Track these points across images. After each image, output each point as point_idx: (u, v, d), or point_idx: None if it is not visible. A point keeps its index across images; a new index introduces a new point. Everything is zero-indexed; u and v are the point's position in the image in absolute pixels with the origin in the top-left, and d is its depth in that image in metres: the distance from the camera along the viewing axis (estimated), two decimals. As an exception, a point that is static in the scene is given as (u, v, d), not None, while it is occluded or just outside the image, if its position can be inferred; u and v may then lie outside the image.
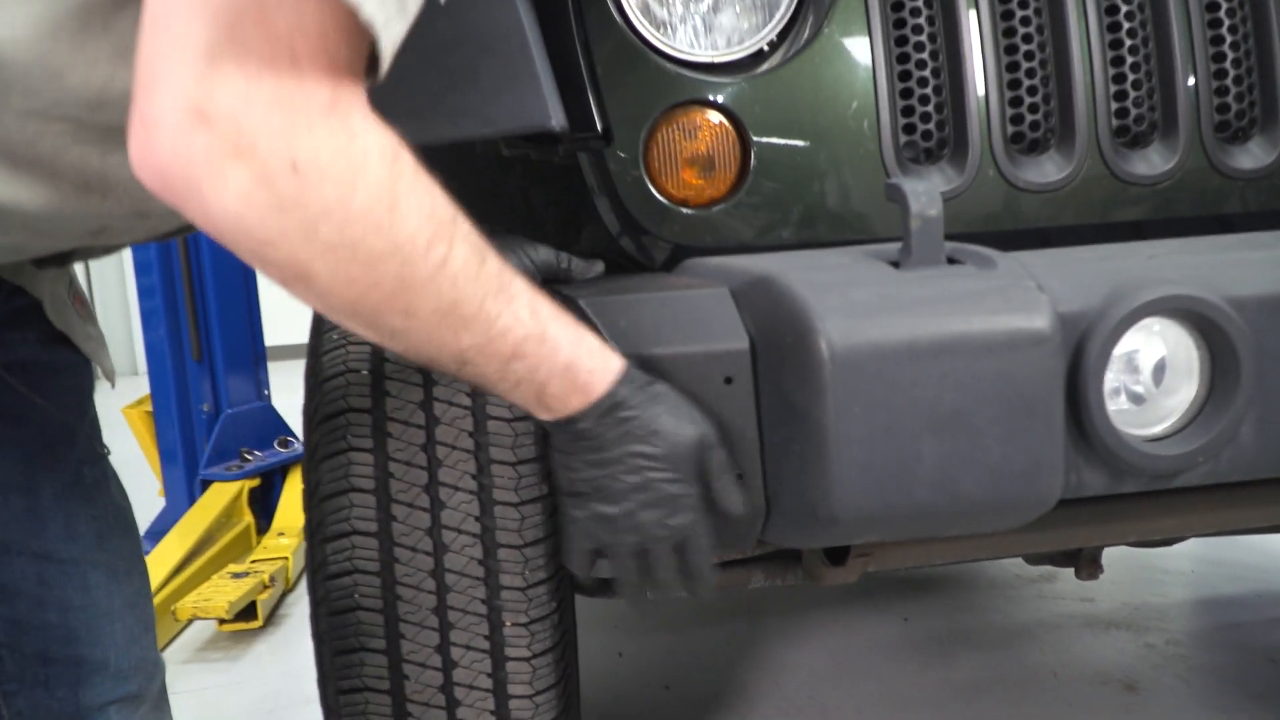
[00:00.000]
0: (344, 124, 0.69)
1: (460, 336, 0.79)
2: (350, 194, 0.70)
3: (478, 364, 0.82)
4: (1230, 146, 1.27)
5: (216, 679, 2.41)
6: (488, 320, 0.80)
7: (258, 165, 0.66)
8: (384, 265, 0.72)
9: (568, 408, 0.87)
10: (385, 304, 0.75)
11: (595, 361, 0.87)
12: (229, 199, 0.67)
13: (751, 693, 2.12)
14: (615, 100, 1.21)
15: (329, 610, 1.36)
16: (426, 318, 0.77)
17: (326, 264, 0.71)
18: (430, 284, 0.75)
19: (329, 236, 0.70)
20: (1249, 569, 2.61)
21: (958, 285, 0.94)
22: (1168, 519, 1.18)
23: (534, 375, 0.84)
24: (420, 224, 0.74)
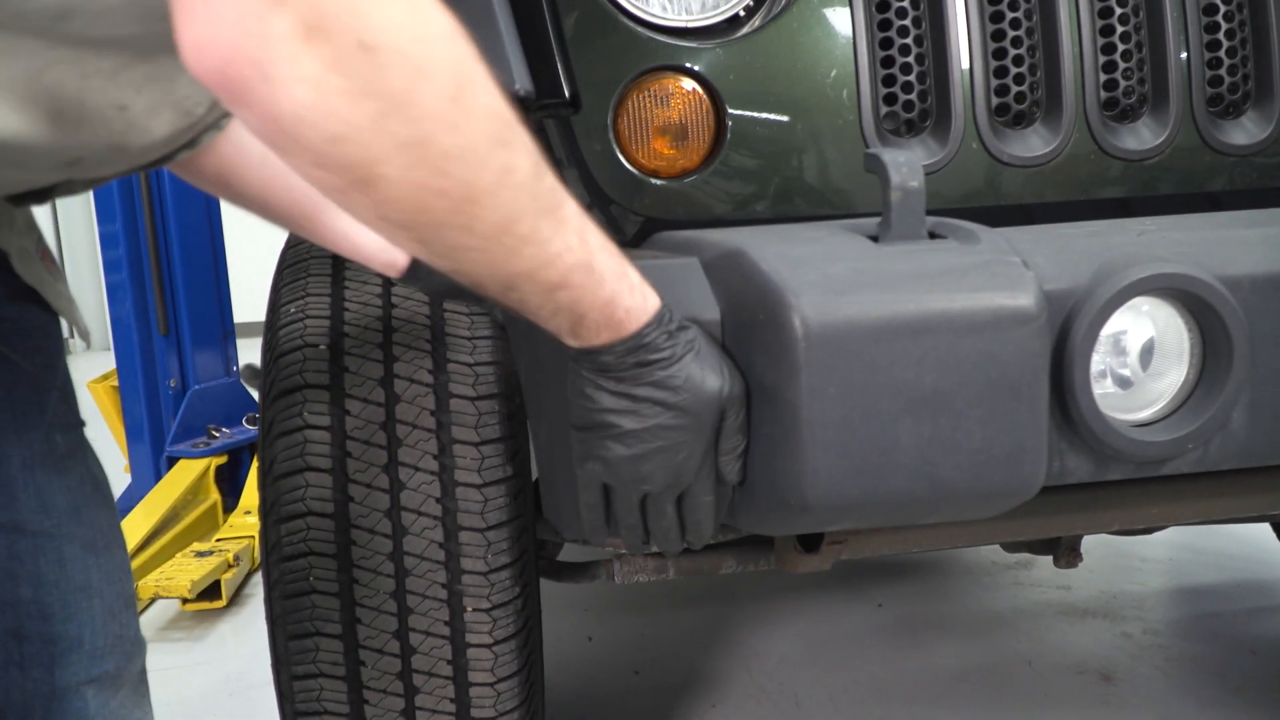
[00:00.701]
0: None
1: (513, 259, 0.75)
2: (421, 80, 0.64)
3: (523, 290, 0.78)
4: (1222, 121, 1.23)
5: (178, 659, 2.36)
6: (542, 242, 0.75)
7: (331, 47, 0.60)
8: (453, 169, 0.67)
9: (597, 339, 0.85)
10: (448, 215, 0.70)
11: (634, 299, 0.84)
12: (301, 89, 0.60)
13: (722, 679, 2.09)
14: (584, 65, 1.16)
15: (283, 593, 1.31)
16: (485, 234, 0.72)
17: (395, 166, 0.65)
18: (493, 195, 0.70)
19: (400, 131, 0.64)
20: (1229, 558, 2.60)
21: (939, 260, 0.89)
22: (1153, 507, 1.14)
23: (575, 306, 0.81)
24: (487, 122, 0.69)
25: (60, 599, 0.92)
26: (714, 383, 0.88)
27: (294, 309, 1.36)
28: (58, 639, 0.92)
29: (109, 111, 0.74)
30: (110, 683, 0.97)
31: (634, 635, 2.30)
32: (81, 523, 0.93)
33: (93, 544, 0.94)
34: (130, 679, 1.01)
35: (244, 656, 2.36)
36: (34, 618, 0.90)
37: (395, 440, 1.28)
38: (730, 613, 2.38)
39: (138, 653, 1.02)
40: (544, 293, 0.79)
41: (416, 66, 0.63)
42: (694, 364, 0.87)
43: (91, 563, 0.94)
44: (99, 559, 0.95)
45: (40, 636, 0.90)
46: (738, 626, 2.31)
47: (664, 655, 2.21)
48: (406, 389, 1.29)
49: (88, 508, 0.94)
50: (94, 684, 0.96)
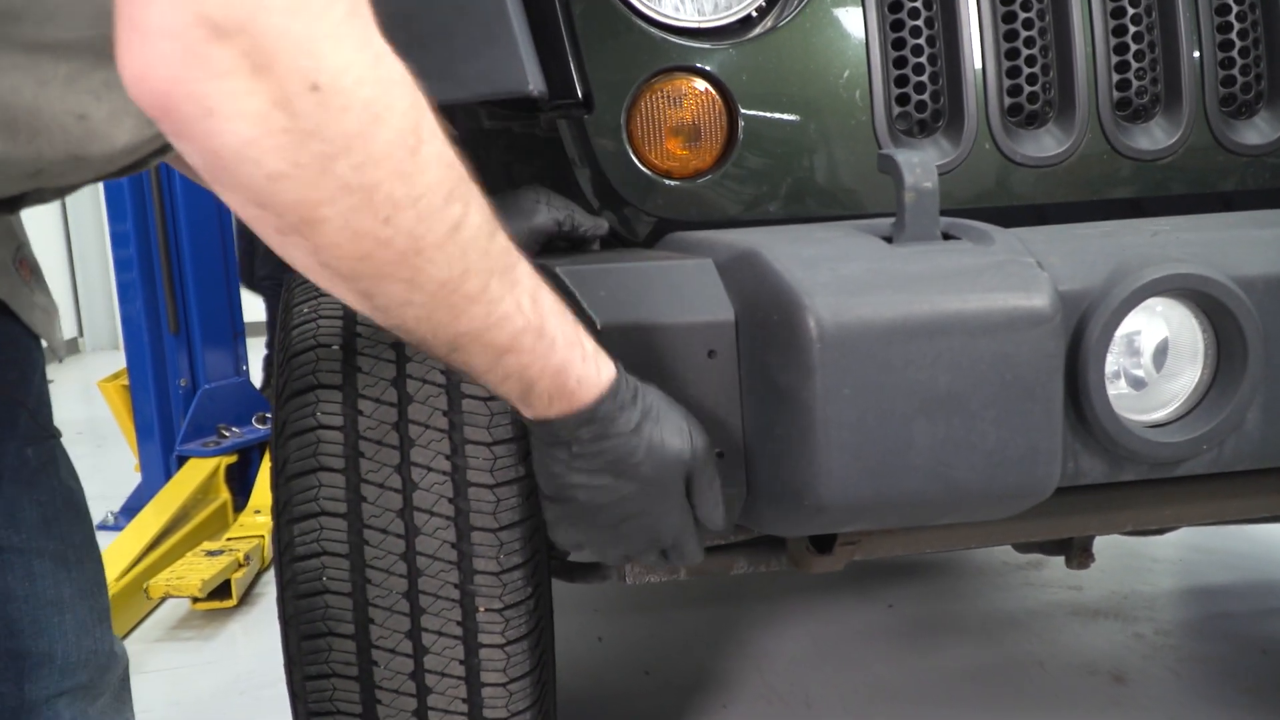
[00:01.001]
0: (365, 36, 0.62)
1: (459, 319, 0.72)
2: (374, 126, 0.62)
3: (470, 352, 0.75)
4: (1235, 121, 1.23)
5: (189, 658, 2.36)
6: (489, 303, 0.73)
7: (276, 84, 0.59)
8: (399, 218, 0.65)
9: (549, 410, 0.82)
10: (391, 267, 0.67)
11: (586, 368, 0.81)
12: (242, 124, 0.59)
13: (733, 679, 2.09)
14: (597, 66, 1.16)
15: (296, 593, 1.31)
16: (430, 290, 0.70)
17: (338, 209, 0.63)
18: (441, 250, 0.68)
19: (346, 175, 0.62)
20: (1240, 557, 2.59)
21: (953, 261, 0.89)
22: (1167, 508, 1.14)
23: (524, 372, 0.78)
24: (440, 174, 0.67)
25: (30, 615, 0.92)
26: (676, 447, 0.85)
27: (307, 309, 1.37)
28: (27, 654, 0.92)
29: (67, 120, 0.73)
30: (85, 694, 0.97)
31: (644, 635, 2.30)
32: (52, 537, 0.93)
33: (64, 558, 0.94)
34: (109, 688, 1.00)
35: (254, 656, 2.36)
36: (3, 634, 0.90)
37: (408, 440, 1.29)
38: (740, 613, 2.38)
39: (113, 664, 1.01)
40: (491, 356, 0.76)
41: (373, 112, 0.62)
42: (654, 431, 0.84)
43: (63, 577, 0.94)
44: (70, 573, 0.95)
45: (8, 652, 0.90)
46: (748, 627, 2.31)
47: (674, 655, 2.21)
48: (419, 389, 1.29)
49: (59, 521, 0.94)
50: (67, 695, 0.95)
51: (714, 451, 0.88)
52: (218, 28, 0.57)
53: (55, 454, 0.96)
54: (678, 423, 0.86)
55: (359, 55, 0.61)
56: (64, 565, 0.95)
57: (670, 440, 0.85)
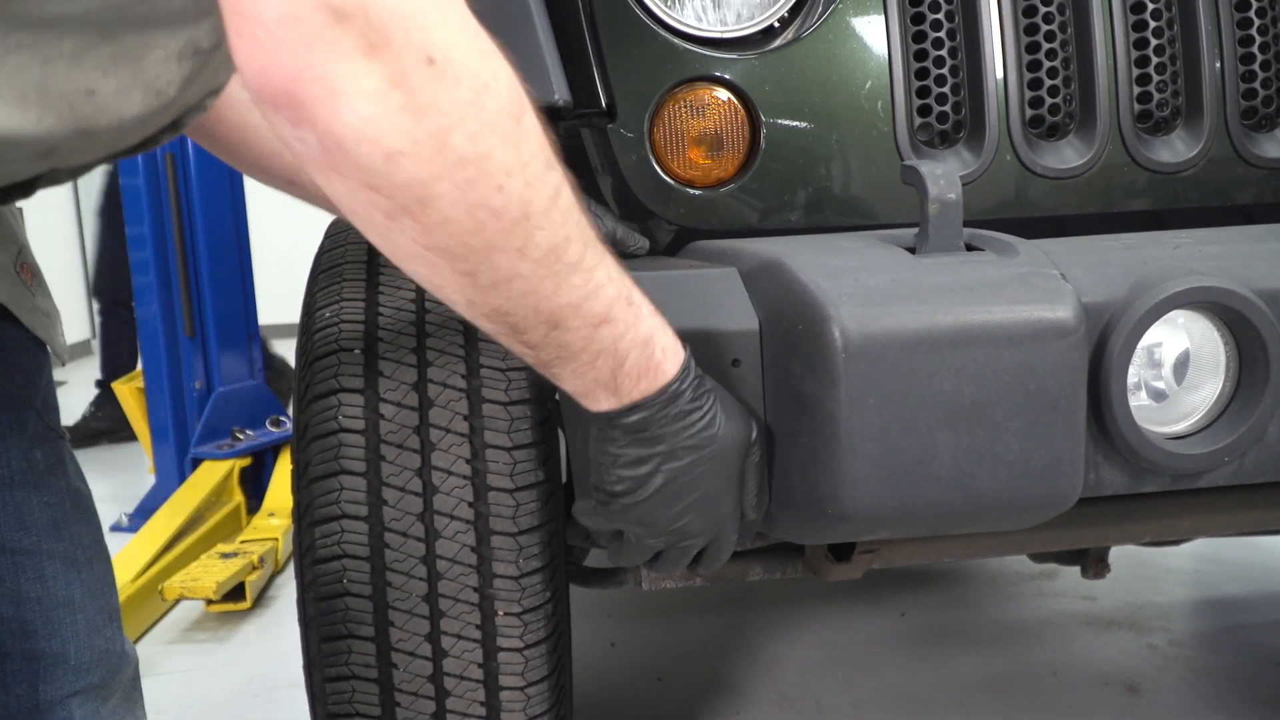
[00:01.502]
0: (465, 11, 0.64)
1: (561, 288, 0.72)
2: (485, 96, 0.64)
3: (568, 327, 0.75)
4: (1256, 134, 1.23)
5: (203, 660, 2.37)
6: (587, 270, 0.73)
7: (393, 61, 0.60)
8: (510, 184, 0.66)
9: (635, 391, 0.81)
10: (500, 237, 0.68)
11: (668, 339, 0.82)
12: (363, 103, 0.60)
13: (745, 685, 2.09)
14: (621, 76, 1.17)
15: (316, 595, 1.32)
16: (538, 258, 0.70)
17: (452, 184, 0.64)
18: (547, 215, 0.69)
19: (461, 147, 0.63)
20: (1254, 569, 2.58)
21: (977, 273, 0.90)
22: (1186, 519, 1.14)
23: (617, 345, 0.78)
24: (540, 141, 0.69)
25: (42, 616, 0.92)
26: (741, 428, 0.87)
27: (329, 313, 1.38)
28: (41, 655, 0.92)
29: (76, 97, 0.73)
30: (97, 693, 0.97)
31: (656, 641, 2.30)
32: (62, 538, 0.93)
33: (74, 559, 0.94)
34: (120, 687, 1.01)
35: (268, 658, 2.37)
36: (16, 635, 0.90)
37: (429, 444, 1.30)
38: (752, 619, 2.38)
39: (124, 664, 1.02)
40: (589, 329, 0.76)
41: (483, 81, 0.64)
42: (722, 412, 0.86)
43: (73, 578, 0.94)
44: (80, 574, 0.95)
45: (23, 654, 0.91)
46: (760, 633, 2.31)
47: (686, 661, 2.21)
48: (440, 394, 1.30)
49: (68, 523, 0.94)
50: (79, 695, 0.95)
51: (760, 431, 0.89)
52: (337, 11, 0.59)
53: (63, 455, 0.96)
54: (737, 405, 0.88)
55: (464, 27, 0.63)
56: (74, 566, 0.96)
57: (735, 417, 0.87)
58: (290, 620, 2.55)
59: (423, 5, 0.61)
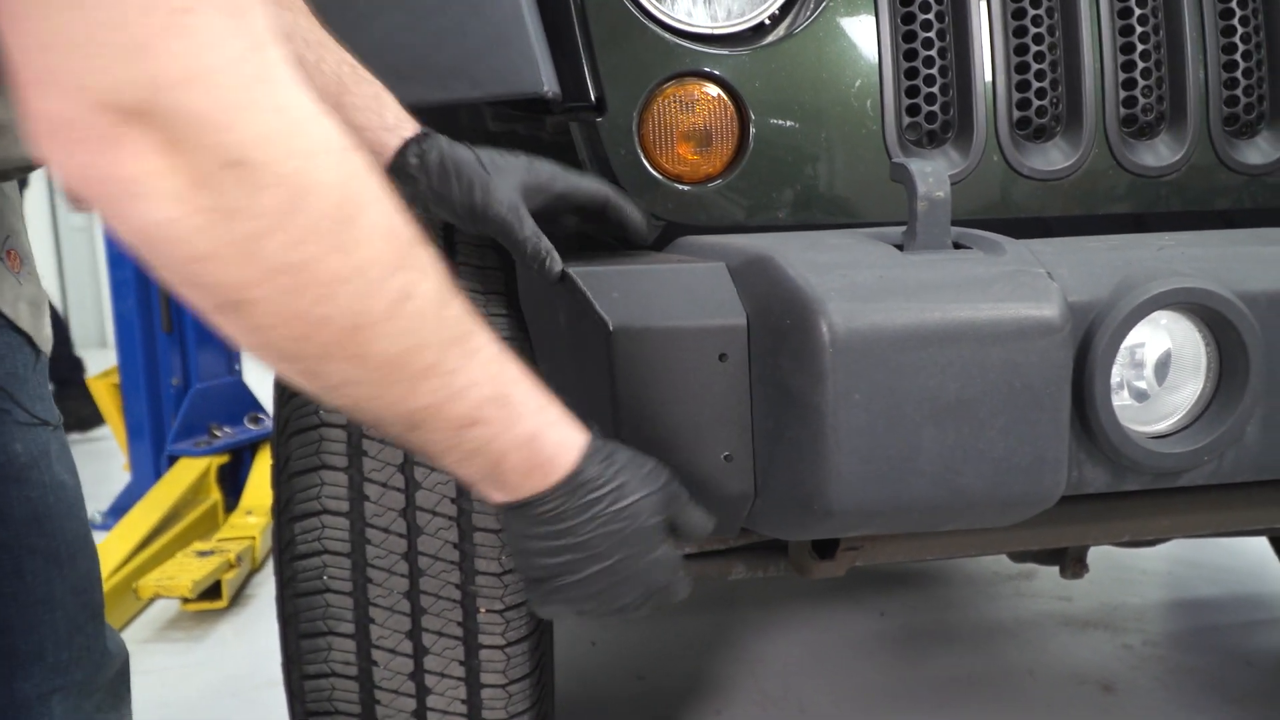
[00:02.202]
0: (278, 100, 0.58)
1: (413, 393, 0.68)
2: (301, 200, 0.58)
3: (430, 428, 0.71)
4: (1238, 141, 1.24)
5: (178, 660, 2.35)
6: (446, 375, 0.69)
7: (194, 163, 0.55)
8: (338, 295, 0.61)
9: (525, 487, 0.77)
10: (333, 346, 0.63)
11: (561, 433, 0.77)
12: (164, 205, 0.56)
13: (726, 685, 2.09)
14: (610, 69, 1.16)
15: (296, 592, 1.31)
16: (378, 366, 0.66)
17: (270, 290, 0.59)
18: (388, 323, 0.64)
19: (275, 255, 0.58)
20: (1225, 571, 2.61)
21: (965, 270, 0.90)
22: (1164, 519, 1.15)
23: (490, 445, 0.73)
24: (382, 243, 0.63)
25: (19, 612, 0.91)
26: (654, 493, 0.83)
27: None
28: (15, 653, 0.91)
29: None
30: (79, 690, 0.96)
31: (637, 640, 2.30)
32: (43, 533, 0.92)
33: (55, 555, 0.93)
34: (105, 685, 1.00)
35: (245, 657, 2.35)
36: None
37: (411, 440, 1.29)
38: (733, 619, 2.39)
39: (108, 662, 1.01)
40: (453, 431, 0.71)
41: (296, 185, 0.58)
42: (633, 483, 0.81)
43: (54, 574, 0.93)
44: (62, 570, 0.94)
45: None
46: (741, 632, 2.32)
47: (668, 661, 2.21)
48: (423, 389, 1.30)
49: (50, 518, 0.93)
50: (59, 693, 0.94)
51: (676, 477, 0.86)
52: (125, 111, 0.54)
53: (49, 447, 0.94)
54: (647, 465, 0.84)
55: (276, 124, 0.57)
56: (55, 562, 0.94)
57: (647, 484, 0.83)
58: (268, 619, 2.52)
59: (227, 102, 0.55)
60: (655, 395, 0.93)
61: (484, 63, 1.09)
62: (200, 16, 0.54)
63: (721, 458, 0.94)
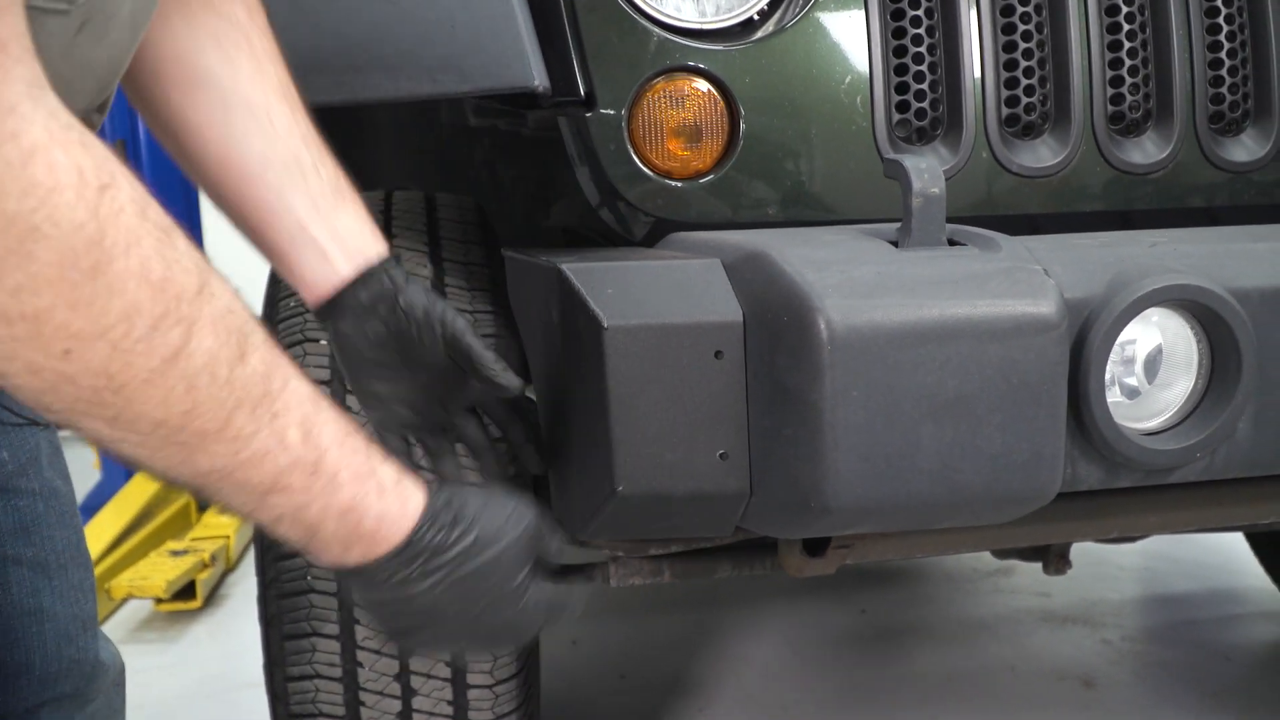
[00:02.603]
0: (14, 128, 0.51)
1: (195, 457, 0.61)
2: (29, 244, 0.51)
3: (222, 491, 0.64)
4: (1223, 138, 1.25)
5: (152, 661, 2.32)
6: (235, 439, 0.61)
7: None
8: (82, 352, 0.54)
9: (350, 557, 0.70)
10: (84, 405, 0.56)
11: (386, 503, 0.69)
12: None
13: (709, 683, 2.09)
14: (599, 64, 1.15)
15: (279, 593, 1.29)
16: (144, 429, 0.59)
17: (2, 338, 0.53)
18: (151, 386, 0.57)
19: (2, 303, 0.52)
20: (1202, 567, 2.64)
21: (962, 267, 0.90)
22: (1154, 515, 1.16)
23: (300, 514, 0.66)
24: (142, 297, 0.55)
25: (4, 625, 0.89)
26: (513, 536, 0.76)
27: (294, 302, 1.35)
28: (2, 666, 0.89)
29: None
30: (70, 702, 0.94)
31: (618, 639, 2.29)
32: (31, 543, 0.90)
33: (44, 565, 0.91)
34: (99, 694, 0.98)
35: (221, 658, 2.32)
36: None
37: (397, 438, 1.27)
38: (715, 617, 2.38)
39: (101, 672, 0.98)
40: (252, 496, 0.65)
41: (24, 228, 0.51)
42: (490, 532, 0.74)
43: (42, 585, 0.91)
44: (52, 580, 0.92)
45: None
46: (723, 631, 2.31)
47: (650, 659, 2.20)
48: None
49: (39, 527, 0.90)
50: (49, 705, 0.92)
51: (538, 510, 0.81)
52: None
53: (39, 450, 0.92)
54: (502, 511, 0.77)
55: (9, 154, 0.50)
56: (44, 573, 0.92)
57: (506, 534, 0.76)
58: (243, 619, 2.50)
59: None
60: (650, 393, 0.92)
61: (473, 56, 1.08)
62: None
63: (717, 456, 0.93)
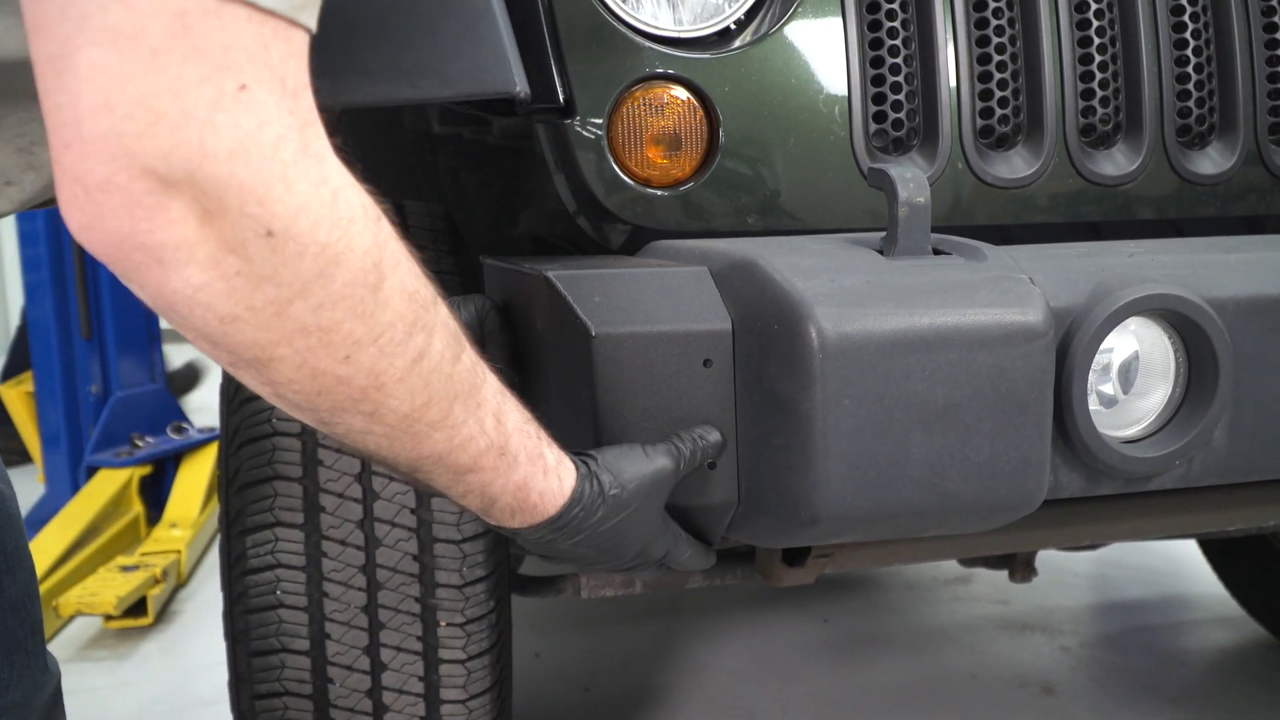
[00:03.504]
0: (321, 173, 0.59)
1: (421, 445, 0.72)
2: (333, 268, 0.60)
3: (432, 473, 0.75)
4: (1190, 151, 1.27)
5: (103, 679, 2.25)
6: (452, 428, 0.72)
7: (228, 230, 0.56)
8: (359, 356, 0.64)
9: (511, 522, 0.82)
10: (348, 402, 0.66)
11: (549, 482, 0.81)
12: (193, 271, 0.57)
13: (674, 694, 2.08)
14: (579, 72, 1.14)
15: (247, 608, 1.26)
16: (392, 422, 0.69)
17: (293, 350, 0.62)
18: (403, 383, 0.67)
19: (302, 318, 0.60)
20: (1153, 573, 2.68)
21: (950, 276, 0.90)
22: (1128, 522, 1.17)
23: (486, 490, 0.78)
24: (403, 307, 0.65)
25: None
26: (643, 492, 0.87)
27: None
28: None
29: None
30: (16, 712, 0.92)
31: (581, 651, 2.27)
32: None
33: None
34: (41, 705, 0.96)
35: (173, 675, 2.26)
36: None
37: (368, 449, 1.25)
38: (678, 628, 2.37)
39: (47, 681, 0.97)
40: (453, 475, 0.76)
41: (333, 254, 0.60)
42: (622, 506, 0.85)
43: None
44: None
45: None
46: (686, 642, 2.30)
47: (613, 671, 2.19)
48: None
49: None
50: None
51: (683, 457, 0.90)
52: (163, 180, 0.54)
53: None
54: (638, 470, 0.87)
55: (314, 195, 0.58)
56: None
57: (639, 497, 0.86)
58: (196, 636, 2.44)
59: (264, 174, 0.56)
60: (638, 402, 0.91)
61: (454, 61, 1.06)
62: (256, 93, 0.55)
63: (705, 465, 0.92)
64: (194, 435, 3.13)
